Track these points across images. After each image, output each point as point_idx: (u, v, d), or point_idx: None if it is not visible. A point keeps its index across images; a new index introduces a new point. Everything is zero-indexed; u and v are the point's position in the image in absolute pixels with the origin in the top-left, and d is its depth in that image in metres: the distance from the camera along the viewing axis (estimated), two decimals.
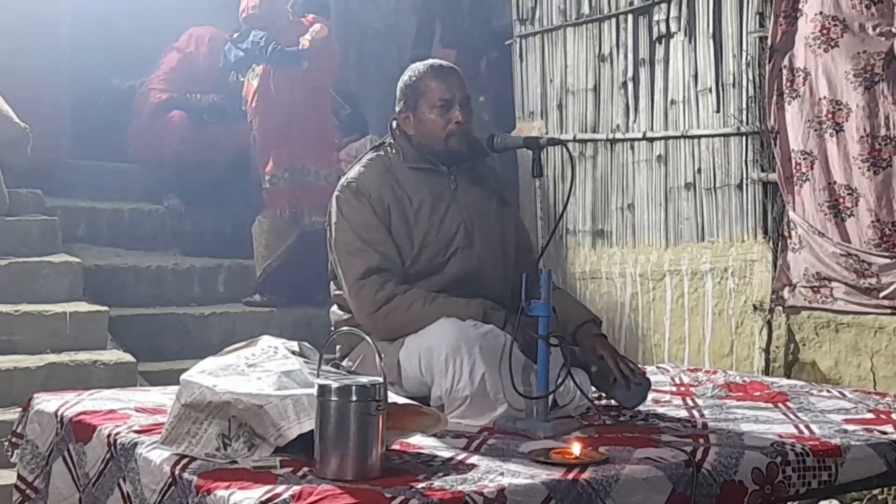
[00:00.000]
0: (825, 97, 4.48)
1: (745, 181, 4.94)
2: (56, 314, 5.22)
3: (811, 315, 4.63)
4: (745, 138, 4.94)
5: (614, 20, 5.58)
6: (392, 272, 3.08)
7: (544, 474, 2.29)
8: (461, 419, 2.84)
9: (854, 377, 4.47)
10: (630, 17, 5.49)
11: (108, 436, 2.62)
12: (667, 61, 5.31)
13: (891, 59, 4.32)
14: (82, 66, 7.10)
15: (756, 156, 4.88)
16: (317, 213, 5.95)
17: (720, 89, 5.04)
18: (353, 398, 2.22)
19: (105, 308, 5.40)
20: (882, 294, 4.36)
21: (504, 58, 6.48)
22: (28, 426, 3.01)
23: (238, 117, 6.51)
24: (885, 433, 2.84)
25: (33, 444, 2.96)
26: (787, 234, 4.69)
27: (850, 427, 2.91)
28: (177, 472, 2.29)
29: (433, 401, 2.91)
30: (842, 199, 4.46)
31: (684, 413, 3.16)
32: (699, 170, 5.15)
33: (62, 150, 6.85)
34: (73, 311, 5.27)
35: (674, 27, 5.25)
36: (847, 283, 4.47)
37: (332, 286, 3.27)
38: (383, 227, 3.12)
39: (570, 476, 2.29)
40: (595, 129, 5.71)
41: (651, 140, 5.38)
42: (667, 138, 5.31)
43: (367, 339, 2.47)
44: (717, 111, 5.06)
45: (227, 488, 2.14)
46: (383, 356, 2.42)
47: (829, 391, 3.59)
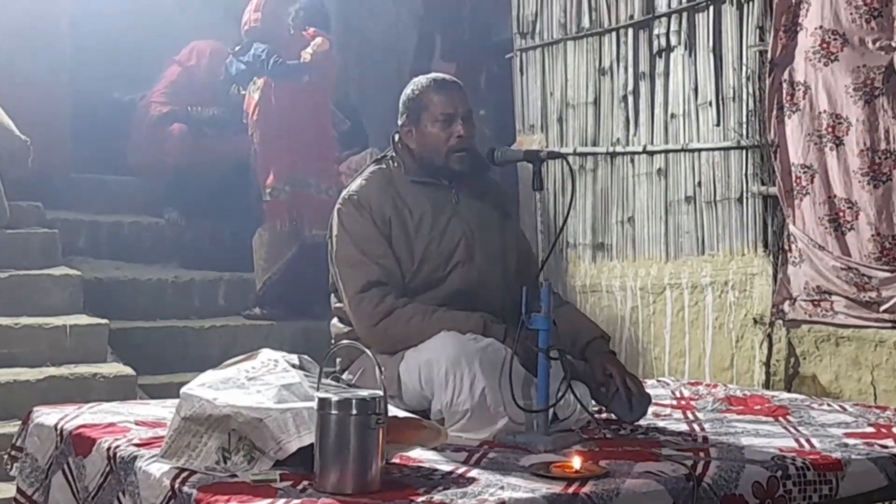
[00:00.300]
0: (825, 111, 4.49)
1: (745, 195, 4.94)
2: (56, 327, 5.22)
3: (811, 329, 4.63)
4: (745, 152, 4.94)
5: (614, 34, 5.59)
6: (392, 285, 3.08)
7: (545, 488, 2.29)
8: (461, 433, 2.84)
9: (854, 391, 4.46)
10: (630, 31, 5.49)
11: (108, 449, 2.61)
12: (667, 75, 5.31)
13: (891, 73, 4.32)
14: (83, 79, 7.12)
15: (756, 169, 4.88)
16: (317, 225, 5.96)
17: (720, 103, 5.05)
18: (354, 411, 2.22)
19: (105, 321, 5.40)
20: (882, 308, 4.36)
21: (504, 71, 6.49)
22: (28, 439, 3.01)
23: (238, 130, 6.53)
24: (885, 447, 2.84)
25: (33, 457, 2.96)
26: (787, 247, 4.69)
27: (850, 441, 2.91)
28: (176, 486, 2.29)
29: (433, 414, 2.90)
30: (842, 213, 4.47)
31: (685, 427, 3.15)
32: (699, 183, 5.15)
33: (63, 163, 6.87)
34: (73, 323, 5.27)
35: (674, 41, 5.25)
36: (847, 297, 4.47)
37: (333, 298, 3.27)
38: (384, 241, 3.12)
39: (571, 490, 2.29)
40: (595, 143, 5.72)
41: (651, 153, 5.39)
42: (667, 152, 5.31)
43: (367, 352, 2.47)
44: (718, 125, 5.06)
45: (227, 502, 2.14)
46: (383, 369, 2.42)
47: (829, 405, 3.59)
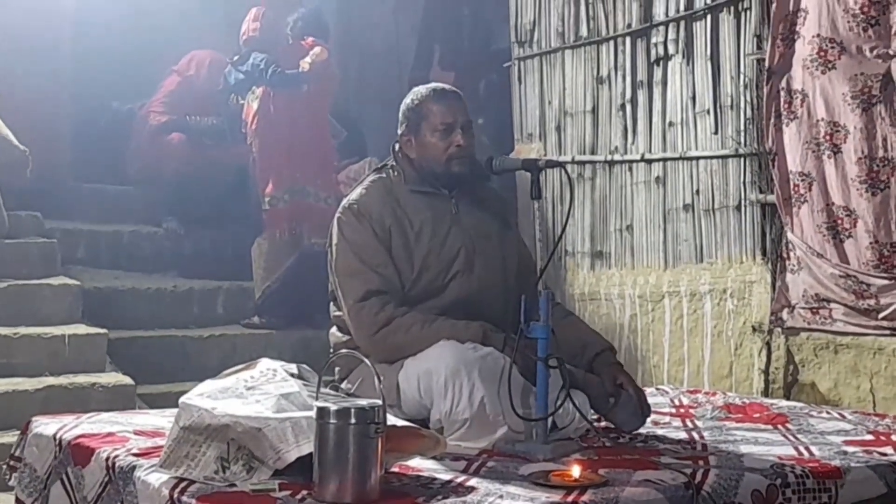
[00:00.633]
0: (823, 119, 4.49)
1: (743, 202, 4.94)
2: (55, 336, 5.21)
3: (810, 336, 4.63)
4: (743, 160, 4.94)
5: (612, 42, 5.60)
6: (392, 294, 3.08)
7: (544, 497, 2.29)
8: (460, 441, 2.83)
9: (853, 398, 4.46)
10: (628, 40, 5.50)
11: (107, 459, 2.61)
12: (665, 83, 5.32)
13: (888, 80, 4.33)
14: (82, 89, 7.13)
15: (754, 177, 4.88)
16: (316, 234, 5.96)
17: (718, 111, 5.05)
18: (352, 421, 2.22)
19: (104, 330, 5.40)
20: (881, 315, 4.35)
21: (503, 80, 6.49)
22: (26, 449, 3.01)
23: (237, 139, 6.54)
24: (884, 455, 2.85)
25: (31, 467, 2.96)
26: (785, 255, 4.69)
27: (849, 449, 2.91)
28: (175, 496, 2.29)
29: (432, 423, 2.90)
30: (840, 221, 4.47)
31: (684, 435, 3.15)
32: (697, 191, 5.15)
33: (62, 173, 6.87)
34: (71, 333, 5.27)
35: (672, 49, 5.26)
36: (846, 305, 4.47)
37: (332, 307, 3.27)
38: (384, 250, 3.12)
39: (570, 499, 2.29)
40: (593, 151, 5.72)
41: (649, 162, 5.39)
42: (665, 160, 5.31)
43: (366, 361, 2.47)
44: (716, 133, 5.07)
45: None
46: (382, 378, 2.42)
47: (828, 412, 3.59)
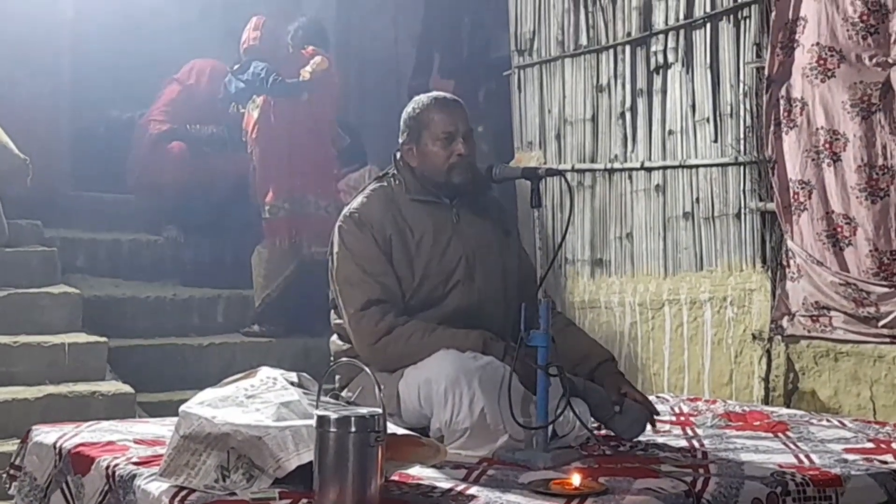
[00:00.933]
0: (822, 127, 4.50)
1: (743, 210, 4.95)
2: (55, 345, 5.21)
3: (810, 344, 4.62)
4: (742, 168, 4.94)
5: (612, 51, 5.60)
6: (392, 303, 3.08)
7: None
8: (461, 450, 2.83)
9: (854, 406, 4.45)
10: (627, 48, 5.51)
11: (107, 467, 2.61)
12: (664, 92, 5.32)
13: (887, 89, 4.33)
14: (82, 97, 7.13)
15: (754, 185, 4.89)
16: (316, 243, 5.96)
17: (718, 119, 5.06)
18: (353, 429, 2.22)
19: (104, 339, 5.39)
20: (881, 323, 4.35)
21: (502, 88, 6.50)
22: (26, 458, 3.01)
23: (237, 148, 6.54)
24: (885, 463, 2.84)
25: (31, 476, 2.95)
26: (785, 263, 4.69)
27: (850, 457, 2.91)
28: None
29: (433, 432, 2.90)
30: (840, 229, 4.47)
31: (684, 443, 3.15)
32: (697, 199, 5.16)
33: (62, 182, 6.87)
34: (71, 341, 5.26)
35: (671, 58, 5.26)
36: (846, 312, 4.47)
37: (333, 315, 3.27)
38: (384, 258, 3.12)
39: None
40: (593, 159, 5.72)
41: (649, 170, 5.39)
42: (665, 168, 5.32)
43: (366, 370, 2.46)
44: (715, 141, 5.07)
45: None
46: (383, 387, 2.41)
47: (828, 420, 3.59)
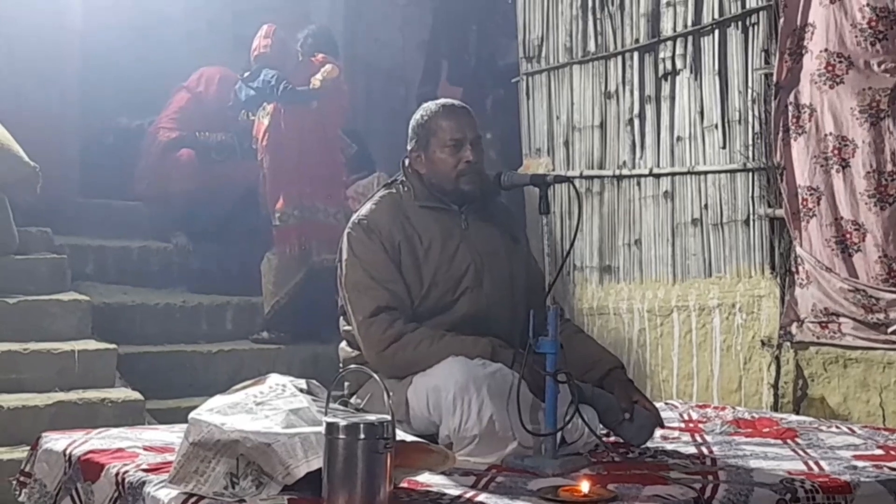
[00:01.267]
0: (831, 133, 4.49)
1: (751, 217, 4.94)
2: (64, 352, 5.22)
3: (819, 350, 4.62)
4: (751, 174, 4.94)
5: (620, 58, 5.61)
6: (401, 310, 3.08)
7: None
8: (469, 457, 2.83)
9: (863, 413, 4.44)
10: (636, 55, 5.51)
11: (117, 474, 2.62)
12: (673, 98, 5.32)
13: None
14: (91, 105, 7.15)
15: (763, 192, 4.88)
16: (325, 250, 5.98)
17: (726, 126, 5.05)
18: (362, 436, 2.22)
19: (113, 346, 5.40)
20: (890, 329, 4.34)
21: (510, 95, 6.50)
22: (36, 465, 3.01)
23: (246, 156, 6.56)
24: (894, 469, 2.83)
25: (41, 482, 2.96)
26: (794, 269, 4.69)
27: (859, 463, 2.90)
28: None
29: (441, 440, 2.90)
30: (849, 235, 4.46)
31: (693, 449, 3.15)
32: (706, 206, 5.15)
33: (71, 189, 6.89)
34: (81, 349, 5.27)
35: (679, 64, 5.27)
36: (855, 319, 4.46)
37: (342, 322, 3.27)
38: (393, 265, 3.12)
39: None
40: (602, 166, 5.72)
41: (657, 176, 5.39)
42: (673, 174, 5.32)
43: (375, 376, 2.47)
44: (724, 147, 5.07)
45: None
46: (391, 394, 2.41)
47: (838, 427, 3.58)
